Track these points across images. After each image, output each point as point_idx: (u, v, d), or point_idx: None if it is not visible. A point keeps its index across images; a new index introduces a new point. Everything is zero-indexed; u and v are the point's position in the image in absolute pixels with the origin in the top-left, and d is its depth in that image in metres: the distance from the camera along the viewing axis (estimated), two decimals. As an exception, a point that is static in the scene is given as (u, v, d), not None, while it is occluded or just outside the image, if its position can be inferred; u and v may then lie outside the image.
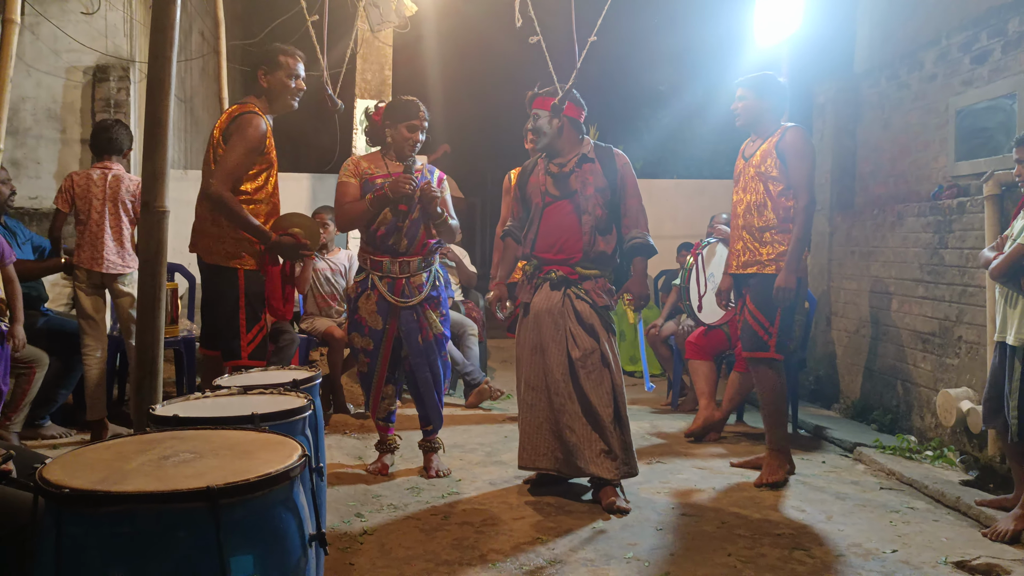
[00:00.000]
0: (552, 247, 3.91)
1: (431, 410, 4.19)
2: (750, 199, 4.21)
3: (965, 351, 4.48)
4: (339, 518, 3.52)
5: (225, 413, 2.06)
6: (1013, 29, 4.42)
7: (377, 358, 4.10)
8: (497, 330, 8.61)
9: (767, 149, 4.17)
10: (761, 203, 4.17)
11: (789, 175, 4.11)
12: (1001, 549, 3.27)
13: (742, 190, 4.27)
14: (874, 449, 4.69)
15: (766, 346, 4.16)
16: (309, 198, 7.18)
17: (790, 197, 4.12)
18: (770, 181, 4.15)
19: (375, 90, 7.02)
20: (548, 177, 3.96)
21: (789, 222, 4.11)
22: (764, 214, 4.15)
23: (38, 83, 6.53)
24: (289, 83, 3.89)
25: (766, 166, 4.16)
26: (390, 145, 4.10)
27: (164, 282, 2.84)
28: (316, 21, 5.89)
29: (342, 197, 4.04)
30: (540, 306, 3.89)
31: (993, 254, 3.59)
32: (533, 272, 3.99)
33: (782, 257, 4.09)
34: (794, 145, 4.11)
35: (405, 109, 4.06)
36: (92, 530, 1.37)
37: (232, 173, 3.69)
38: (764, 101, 4.22)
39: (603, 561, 3.13)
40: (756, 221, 4.18)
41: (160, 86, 2.73)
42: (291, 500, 1.55)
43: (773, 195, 4.14)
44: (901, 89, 5.59)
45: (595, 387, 3.77)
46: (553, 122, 3.93)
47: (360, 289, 4.08)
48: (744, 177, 4.28)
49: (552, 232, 3.91)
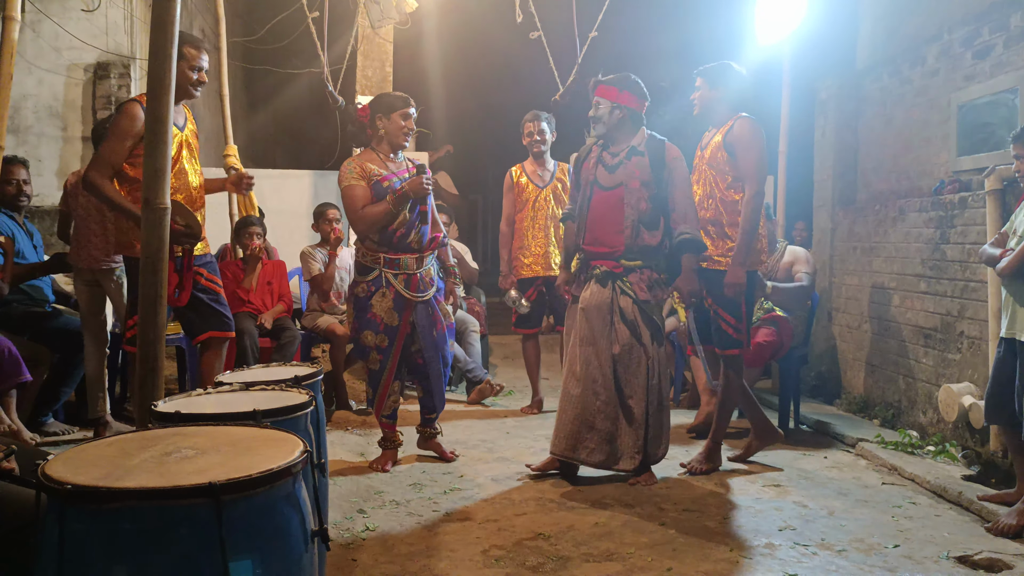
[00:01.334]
0: (596, 240, 4.03)
1: (438, 399, 4.30)
2: (700, 191, 4.20)
3: (967, 346, 4.48)
4: (341, 514, 3.52)
5: (227, 409, 2.06)
6: (1015, 24, 4.41)
7: (390, 355, 4.12)
8: (498, 326, 8.61)
9: (717, 140, 4.16)
10: (709, 195, 4.16)
11: (738, 166, 4.07)
12: (1003, 544, 3.27)
13: (696, 182, 4.23)
14: (876, 444, 4.69)
15: (739, 343, 4.18)
16: (311, 195, 7.18)
17: (738, 190, 4.08)
18: (718, 174, 4.13)
19: (376, 87, 7.01)
20: (600, 166, 4.08)
21: (737, 215, 4.07)
22: (711, 207, 4.14)
23: (39, 81, 6.54)
24: (191, 75, 3.84)
25: (716, 158, 4.14)
26: (383, 138, 4.13)
27: (165, 279, 2.83)
28: (317, 18, 5.90)
29: (354, 201, 4.03)
30: (590, 302, 3.99)
31: (995, 250, 3.58)
32: (581, 267, 4.13)
33: (730, 252, 4.07)
34: (741, 136, 4.07)
35: (393, 99, 4.13)
36: (95, 526, 1.37)
37: (107, 161, 3.72)
38: (717, 91, 4.19)
39: (605, 557, 3.13)
40: (704, 214, 4.15)
41: (161, 83, 2.73)
42: (293, 496, 1.55)
43: (721, 188, 4.12)
44: (903, 84, 5.58)
45: (629, 382, 3.94)
46: (614, 112, 4.02)
47: (373, 288, 4.08)
48: (698, 169, 4.26)
49: (597, 224, 4.02)
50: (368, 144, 4.19)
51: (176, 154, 3.79)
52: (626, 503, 3.75)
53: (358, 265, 4.17)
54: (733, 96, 4.21)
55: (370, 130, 4.16)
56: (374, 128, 4.14)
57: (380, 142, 4.14)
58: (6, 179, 4.70)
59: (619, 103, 4.00)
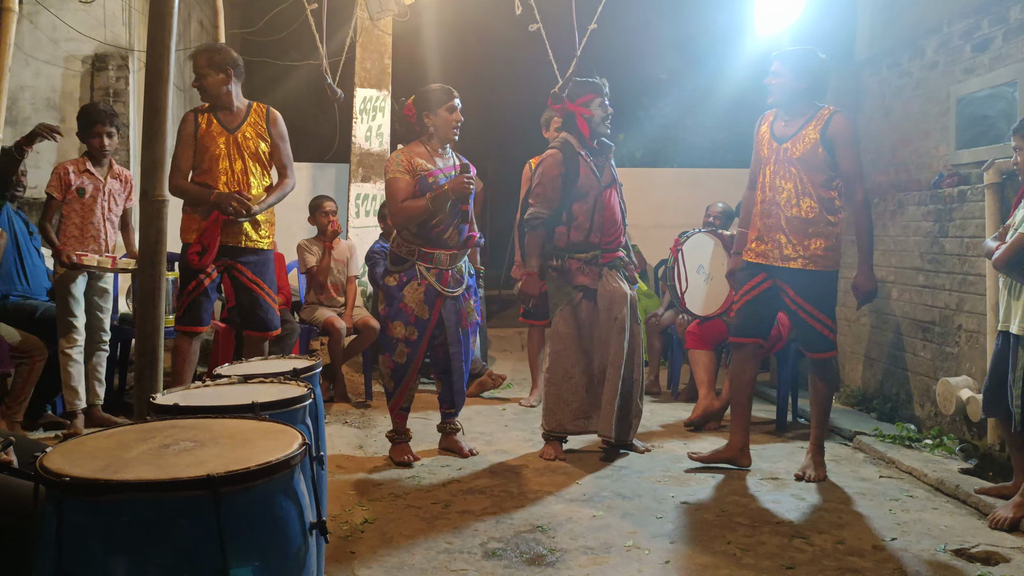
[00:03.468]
0: (611, 232, 4.37)
1: (458, 395, 4.34)
2: (789, 187, 3.92)
3: (965, 340, 4.49)
4: (340, 507, 3.53)
5: (225, 402, 2.06)
6: (1015, 17, 4.40)
7: (417, 349, 4.15)
8: (497, 318, 8.61)
9: (807, 134, 3.89)
10: (803, 192, 3.90)
11: (839, 166, 3.87)
12: (1000, 537, 3.28)
13: (779, 177, 3.95)
14: (874, 437, 4.70)
15: (832, 344, 4.04)
16: (309, 187, 7.17)
17: (830, 188, 3.89)
18: (812, 170, 3.88)
19: (375, 79, 6.99)
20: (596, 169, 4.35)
21: (832, 214, 3.90)
22: (806, 205, 3.89)
23: (37, 72, 6.51)
24: None
25: (808, 153, 3.87)
26: (432, 133, 4.16)
27: (164, 271, 2.84)
28: (315, 9, 5.87)
29: (397, 194, 4.06)
30: (609, 286, 4.29)
31: (996, 244, 3.58)
32: (593, 259, 4.32)
33: (828, 252, 3.91)
34: (843, 132, 3.84)
35: (440, 94, 4.16)
36: (93, 519, 1.37)
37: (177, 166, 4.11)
38: (801, 80, 3.91)
39: (603, 549, 3.14)
40: (799, 212, 3.90)
41: (159, 75, 2.72)
42: (292, 488, 1.55)
43: (816, 184, 3.88)
44: (902, 77, 5.57)
45: (628, 361, 4.27)
46: (608, 110, 4.36)
47: (406, 279, 4.11)
48: (777, 161, 3.97)
49: (608, 221, 4.35)
50: (423, 134, 4.21)
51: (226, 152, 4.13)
52: (624, 496, 3.76)
53: (392, 256, 4.20)
54: (818, 86, 3.97)
55: (418, 127, 4.19)
56: (422, 126, 4.16)
57: (430, 137, 4.17)
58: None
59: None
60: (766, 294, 4.06)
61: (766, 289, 4.05)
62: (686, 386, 5.95)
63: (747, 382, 4.18)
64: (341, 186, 7.28)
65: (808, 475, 4.02)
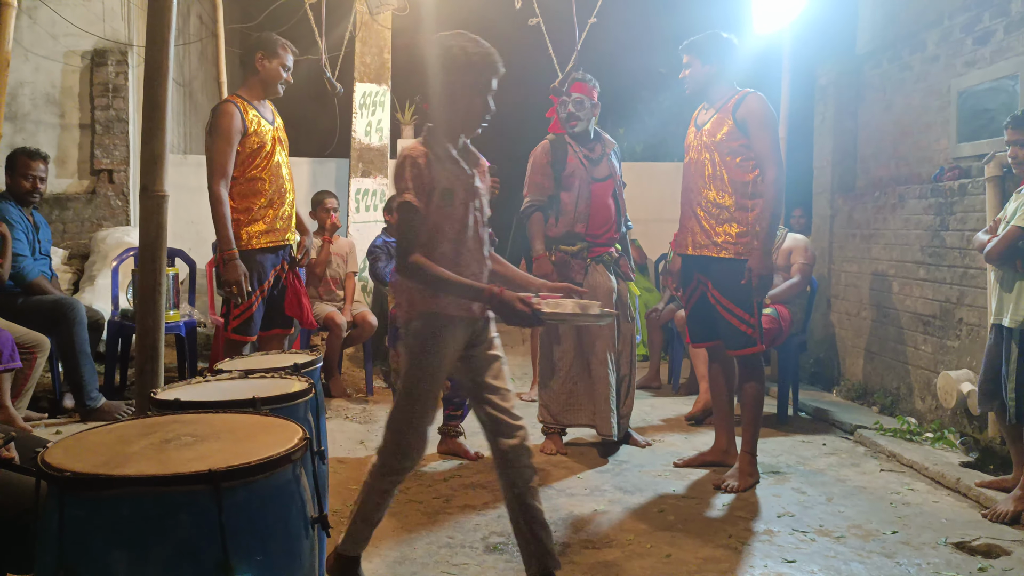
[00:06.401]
0: (600, 226, 4.34)
1: None
2: (705, 172, 3.80)
3: (966, 333, 4.48)
4: (341, 501, 3.53)
5: (226, 397, 2.06)
6: (1016, 9, 4.39)
7: None
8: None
9: (722, 118, 3.77)
10: (715, 176, 3.76)
11: (752, 146, 3.71)
12: (1001, 530, 3.28)
13: (695, 163, 3.85)
14: (874, 431, 4.70)
15: (753, 340, 3.79)
16: (309, 182, 7.16)
17: (750, 170, 3.72)
18: (726, 153, 3.74)
19: (374, 73, 6.98)
20: (586, 161, 4.34)
21: (747, 198, 3.71)
22: (720, 189, 3.75)
23: (36, 68, 6.50)
24: (282, 73, 3.95)
25: (722, 136, 3.75)
26: None
27: (164, 267, 2.84)
28: (314, 4, 5.86)
29: None
30: (594, 281, 4.27)
31: (987, 237, 3.59)
32: (580, 252, 4.31)
33: (741, 239, 3.71)
34: (755, 112, 3.70)
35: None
36: (94, 514, 1.37)
37: (219, 165, 3.72)
38: (711, 65, 3.81)
39: (604, 543, 3.14)
40: (713, 196, 3.77)
41: (158, 70, 2.72)
42: (293, 483, 1.55)
43: (730, 167, 3.73)
44: (903, 70, 5.56)
45: (619, 356, 4.33)
46: (594, 107, 4.37)
47: None
48: (696, 148, 3.87)
49: (599, 213, 4.33)
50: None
51: (271, 148, 3.90)
52: (626, 490, 3.76)
53: None
54: (730, 70, 3.85)
55: None
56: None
57: None
58: (24, 172, 4.70)
59: (594, 99, 4.36)
60: (704, 298, 3.90)
61: (703, 292, 3.90)
62: (687, 380, 5.96)
63: (724, 384, 4.04)
64: (341, 181, 7.27)
65: (729, 485, 3.74)
